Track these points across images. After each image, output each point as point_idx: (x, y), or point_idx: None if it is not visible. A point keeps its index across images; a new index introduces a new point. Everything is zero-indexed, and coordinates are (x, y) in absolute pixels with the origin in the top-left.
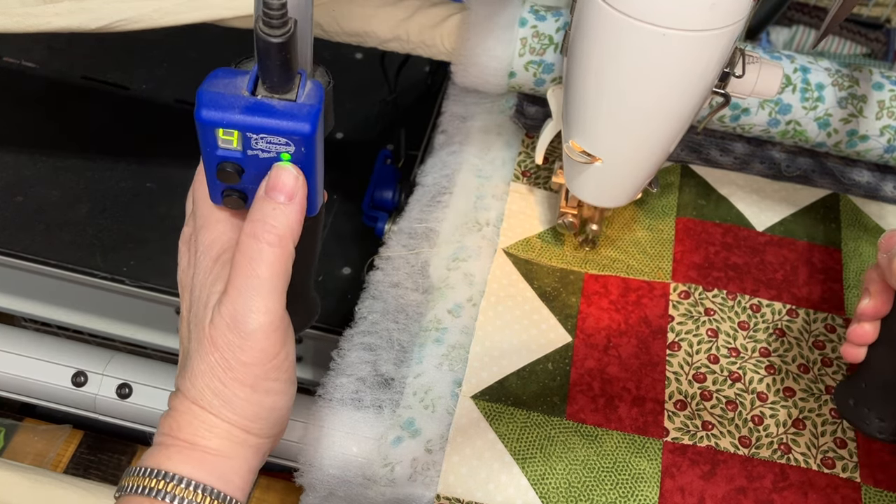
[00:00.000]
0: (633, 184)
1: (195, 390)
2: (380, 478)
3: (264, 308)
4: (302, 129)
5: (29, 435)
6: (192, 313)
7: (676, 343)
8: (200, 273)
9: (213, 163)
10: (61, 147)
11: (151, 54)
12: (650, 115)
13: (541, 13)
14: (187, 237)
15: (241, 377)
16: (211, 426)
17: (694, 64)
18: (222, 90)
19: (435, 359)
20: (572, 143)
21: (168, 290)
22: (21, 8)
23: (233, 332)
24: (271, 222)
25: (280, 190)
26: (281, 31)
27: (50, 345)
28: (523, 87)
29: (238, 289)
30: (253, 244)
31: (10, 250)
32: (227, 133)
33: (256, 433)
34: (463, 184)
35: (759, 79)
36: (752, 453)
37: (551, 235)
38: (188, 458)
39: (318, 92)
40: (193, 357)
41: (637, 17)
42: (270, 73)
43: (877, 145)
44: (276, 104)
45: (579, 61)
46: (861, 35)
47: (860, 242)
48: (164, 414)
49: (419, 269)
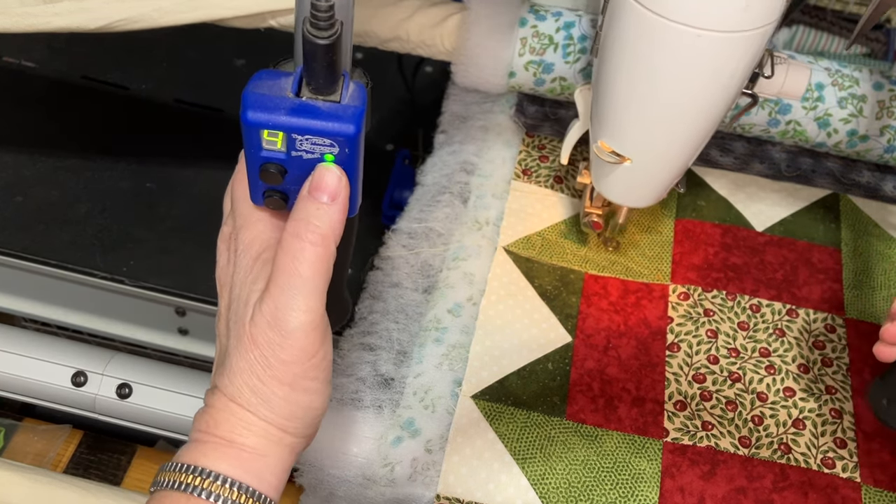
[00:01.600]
0: (661, 184)
1: (233, 387)
2: (380, 478)
3: (305, 307)
4: (347, 131)
5: (29, 435)
6: (231, 310)
7: (676, 344)
8: (241, 271)
9: (257, 164)
10: (61, 147)
11: (151, 54)
12: (681, 116)
13: (541, 13)
14: (226, 236)
15: (279, 375)
16: (248, 424)
17: (726, 65)
18: (267, 91)
19: (435, 358)
20: (601, 143)
21: (168, 290)
22: (21, 8)
23: (273, 330)
24: (315, 222)
25: (324, 190)
26: (328, 33)
27: (50, 345)
28: (523, 87)
29: (280, 287)
30: (296, 243)
31: (10, 250)
32: (271, 134)
33: (292, 432)
34: (463, 183)
35: (787, 79)
36: (752, 453)
37: (552, 233)
38: (225, 455)
39: (362, 93)
40: (232, 354)
41: (672, 18)
42: (316, 74)
43: (877, 145)
44: (321, 105)
45: (610, 62)
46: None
47: (860, 242)
48: (200, 410)
49: (419, 269)
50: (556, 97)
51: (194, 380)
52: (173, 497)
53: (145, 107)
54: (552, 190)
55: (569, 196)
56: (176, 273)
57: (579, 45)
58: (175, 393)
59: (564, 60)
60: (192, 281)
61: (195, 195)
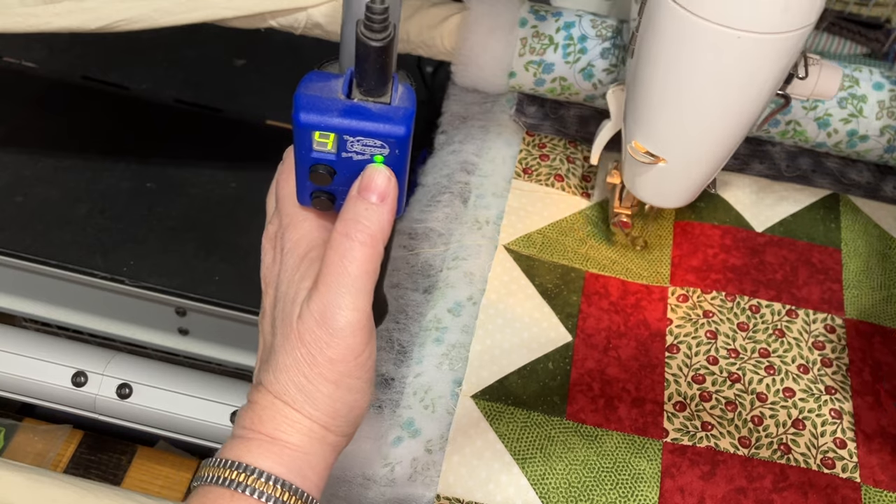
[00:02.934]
0: (695, 184)
1: (279, 385)
2: (380, 478)
3: (353, 305)
4: (398, 132)
5: (29, 435)
6: (277, 308)
7: (675, 345)
8: (287, 270)
9: (306, 165)
10: (61, 147)
11: (151, 54)
12: (718, 116)
13: (541, 13)
14: (272, 235)
15: (325, 373)
16: (293, 421)
17: (765, 66)
18: (318, 93)
19: (435, 358)
20: (635, 143)
21: (168, 290)
22: (21, 8)
23: (321, 328)
24: (364, 222)
25: (373, 190)
26: (382, 35)
27: (50, 345)
28: (523, 87)
29: (328, 285)
30: (345, 242)
31: (10, 250)
32: (323, 136)
33: (335, 431)
34: (463, 183)
35: (820, 80)
36: (751, 454)
37: (552, 231)
38: (269, 451)
39: (411, 95)
40: (279, 352)
41: (712, 19)
42: (368, 76)
43: (877, 145)
44: (373, 107)
45: (647, 63)
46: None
47: (860, 242)
48: (244, 407)
49: (419, 269)
50: (556, 97)
51: (194, 380)
52: (216, 492)
53: (145, 107)
54: (553, 188)
55: (570, 194)
56: (176, 273)
57: (579, 46)
58: (175, 393)
59: (564, 60)
60: (192, 281)
61: (195, 195)
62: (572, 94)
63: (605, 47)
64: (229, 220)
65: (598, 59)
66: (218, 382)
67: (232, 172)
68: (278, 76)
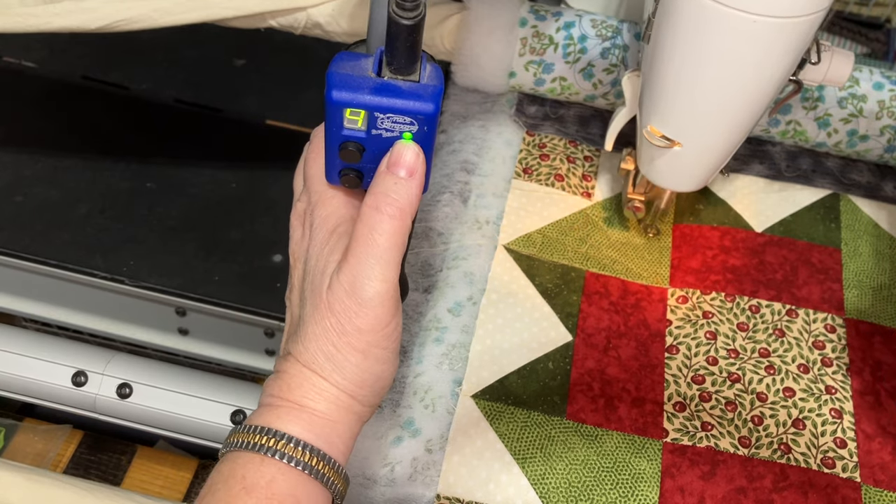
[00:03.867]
0: (709, 168)
1: (308, 353)
2: (380, 478)
3: (382, 276)
4: (427, 109)
5: (29, 435)
6: (306, 281)
7: (675, 346)
8: (317, 244)
9: (336, 143)
10: (61, 147)
11: (151, 54)
12: (733, 100)
13: (541, 13)
14: (300, 212)
15: (354, 342)
16: (321, 389)
17: (779, 50)
18: (350, 71)
19: (435, 358)
20: (651, 127)
21: (168, 290)
22: (21, 8)
23: (350, 298)
24: (393, 195)
25: (402, 165)
26: (413, 14)
27: (50, 345)
28: (523, 87)
29: (358, 257)
30: (374, 215)
31: (10, 250)
32: (353, 113)
33: (361, 400)
34: (463, 182)
35: (831, 66)
36: (751, 453)
37: (553, 230)
38: (297, 418)
39: (439, 73)
40: (308, 322)
41: (728, 3)
42: (398, 55)
43: (877, 145)
44: (403, 85)
45: (663, 47)
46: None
47: (860, 242)
48: (271, 377)
49: (419, 269)
50: (556, 97)
51: (194, 380)
52: (245, 457)
53: (145, 107)
54: (553, 188)
55: (570, 194)
56: (176, 273)
57: (579, 45)
58: (175, 393)
59: (564, 60)
60: (192, 281)
61: (195, 195)
62: (572, 94)
63: (605, 47)
64: (229, 220)
65: (598, 59)
66: (218, 382)
67: (232, 172)
68: (278, 76)
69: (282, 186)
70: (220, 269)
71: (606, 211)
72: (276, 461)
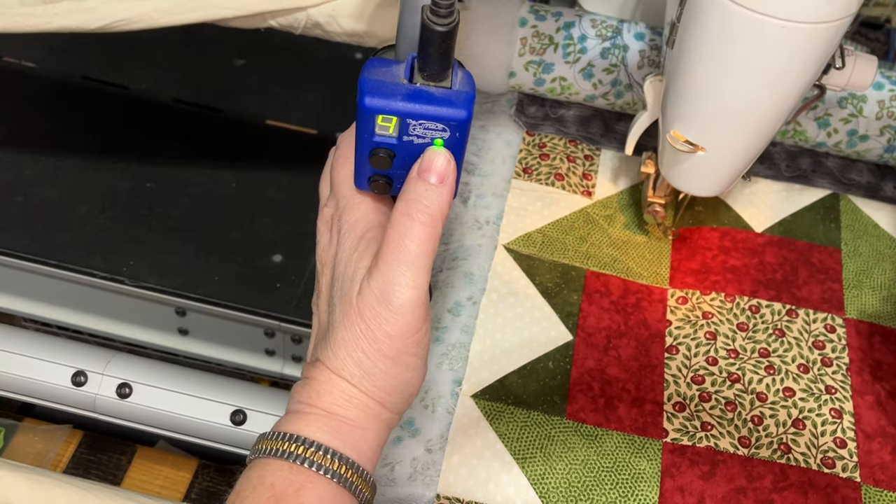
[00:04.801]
0: (732, 172)
1: (337, 360)
2: (380, 478)
3: (413, 283)
4: (460, 116)
5: (29, 435)
6: (335, 287)
7: (674, 346)
8: (345, 250)
9: (367, 149)
10: (61, 147)
11: (151, 54)
12: (758, 105)
13: (541, 13)
14: (328, 217)
15: (384, 349)
16: (350, 396)
17: (806, 55)
18: (382, 78)
19: (435, 358)
20: (675, 132)
21: (168, 290)
22: (21, 8)
23: (381, 305)
24: (424, 202)
25: (434, 172)
26: (448, 21)
27: (50, 345)
28: (523, 87)
29: (388, 263)
30: (406, 221)
31: (10, 250)
32: (385, 120)
33: (390, 407)
34: (463, 183)
35: (855, 71)
36: (751, 453)
37: (553, 229)
38: (326, 425)
39: (471, 80)
40: (337, 328)
41: (756, 9)
42: (431, 61)
43: (877, 145)
44: (435, 91)
45: (689, 53)
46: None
47: (860, 242)
48: (299, 384)
49: None
50: (556, 97)
51: (194, 380)
52: (274, 464)
53: (145, 107)
54: (553, 187)
55: (570, 193)
56: (176, 273)
57: (579, 45)
58: (175, 393)
59: (564, 60)
60: (191, 281)
61: (195, 195)
62: (572, 94)
63: (605, 47)
64: (229, 220)
65: (598, 59)
66: (218, 382)
67: (232, 172)
68: (278, 76)
69: (282, 186)
70: (220, 269)
71: (607, 209)
72: (305, 469)
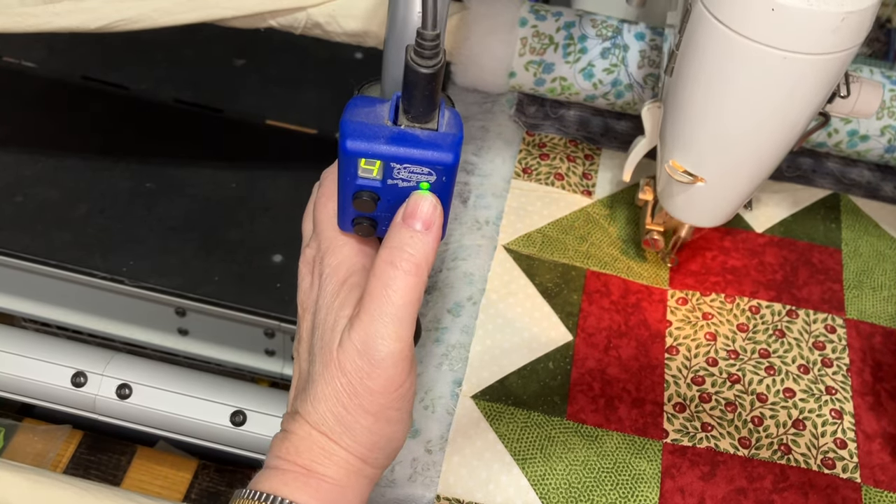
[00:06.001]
0: (733, 203)
1: (317, 414)
2: (380, 478)
3: (396, 335)
4: (446, 160)
5: (29, 435)
6: (316, 336)
7: (675, 347)
8: (326, 296)
9: (350, 191)
10: (61, 147)
11: (151, 54)
12: (760, 136)
13: (541, 13)
14: (309, 259)
15: (365, 404)
16: (330, 453)
17: (810, 86)
18: (365, 119)
19: (435, 358)
20: (673, 162)
21: (168, 290)
22: (21, 8)
23: (363, 358)
24: (409, 250)
25: (419, 218)
26: (433, 63)
27: (50, 345)
28: (523, 87)
29: (371, 314)
30: (389, 270)
31: (10, 250)
32: (369, 163)
33: (372, 463)
34: (462, 183)
35: (860, 98)
36: (752, 454)
37: (553, 229)
38: (305, 485)
39: (458, 121)
40: (318, 381)
41: (758, 39)
42: (416, 102)
43: (877, 145)
44: (420, 134)
45: (688, 81)
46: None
47: (860, 242)
48: (279, 436)
49: None
50: (556, 97)
51: (194, 380)
52: None
53: (145, 107)
54: (553, 187)
55: (570, 192)
56: (176, 273)
57: (579, 45)
58: (175, 393)
59: (564, 60)
60: (192, 281)
61: (195, 195)
62: (572, 94)
63: (605, 47)
64: (229, 220)
65: (598, 58)
66: (218, 382)
67: (232, 172)
68: (278, 76)
69: (281, 186)
70: (219, 269)
71: (607, 208)
72: None
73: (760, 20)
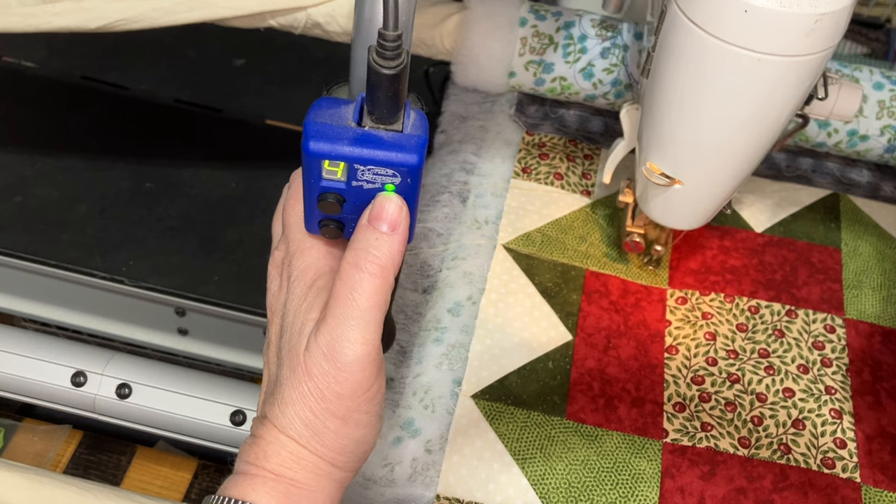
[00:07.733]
0: (710, 206)
1: (285, 419)
2: (379, 478)
3: (362, 339)
4: (410, 161)
5: (28, 435)
6: (283, 340)
7: (674, 347)
8: (294, 299)
9: (315, 193)
10: (61, 147)
11: (151, 54)
12: (736, 139)
13: (541, 13)
14: (278, 261)
15: (333, 408)
16: (298, 457)
17: (786, 88)
18: (328, 121)
19: (435, 358)
20: (650, 164)
21: (168, 290)
22: (21, 8)
23: (329, 362)
24: (374, 252)
25: (384, 220)
26: (395, 63)
27: (50, 345)
28: (523, 87)
29: (337, 318)
30: (355, 273)
31: (10, 250)
32: (332, 164)
33: (342, 467)
34: (462, 182)
35: (839, 100)
36: (751, 454)
37: (552, 229)
38: (273, 489)
39: (423, 122)
40: (285, 385)
41: (733, 42)
42: (379, 104)
43: (877, 145)
44: (384, 135)
45: (664, 84)
46: (861, 35)
47: (860, 242)
48: (248, 441)
49: (418, 269)
50: (556, 97)
51: (194, 380)
52: None
53: (145, 107)
54: (552, 186)
55: (569, 192)
56: (176, 273)
57: (579, 45)
58: (175, 393)
59: (564, 60)
60: (192, 281)
61: (195, 195)
62: (572, 94)
63: (605, 47)
64: (229, 220)
65: (598, 58)
66: (218, 382)
67: (232, 172)
68: (278, 76)
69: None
70: (219, 268)
71: (607, 208)
72: None
73: (734, 22)
